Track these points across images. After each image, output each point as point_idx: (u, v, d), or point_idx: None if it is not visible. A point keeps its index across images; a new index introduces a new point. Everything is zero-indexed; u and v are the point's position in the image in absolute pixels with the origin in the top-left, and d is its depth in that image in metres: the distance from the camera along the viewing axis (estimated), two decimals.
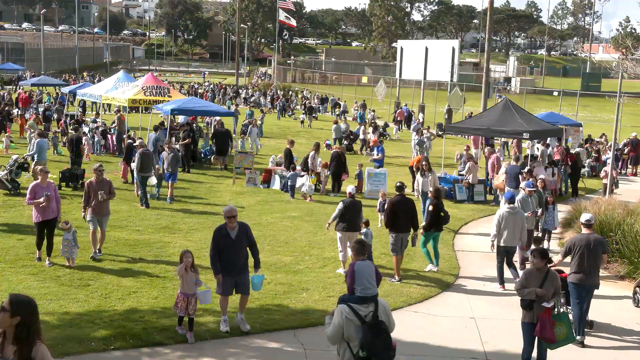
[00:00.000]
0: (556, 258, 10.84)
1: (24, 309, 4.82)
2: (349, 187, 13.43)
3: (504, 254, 12.22)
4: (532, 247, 11.59)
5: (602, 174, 21.41)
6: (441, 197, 13.75)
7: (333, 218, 12.58)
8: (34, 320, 4.86)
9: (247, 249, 9.51)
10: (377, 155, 23.22)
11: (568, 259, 10.30)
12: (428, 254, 13.10)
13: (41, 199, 11.83)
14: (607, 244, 10.41)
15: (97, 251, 12.65)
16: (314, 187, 19.67)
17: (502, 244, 12.13)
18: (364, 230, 12.84)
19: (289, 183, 19.69)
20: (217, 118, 27.10)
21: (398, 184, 12.99)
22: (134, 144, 19.71)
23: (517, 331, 8.90)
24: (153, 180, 18.20)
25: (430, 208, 13.13)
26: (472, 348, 9.55)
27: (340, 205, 12.52)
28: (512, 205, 12.36)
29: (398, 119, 40.05)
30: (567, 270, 10.32)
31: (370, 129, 30.31)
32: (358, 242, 6.84)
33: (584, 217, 10.30)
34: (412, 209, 12.46)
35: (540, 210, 14.26)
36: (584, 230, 10.11)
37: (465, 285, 12.35)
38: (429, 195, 15.52)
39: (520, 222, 12.17)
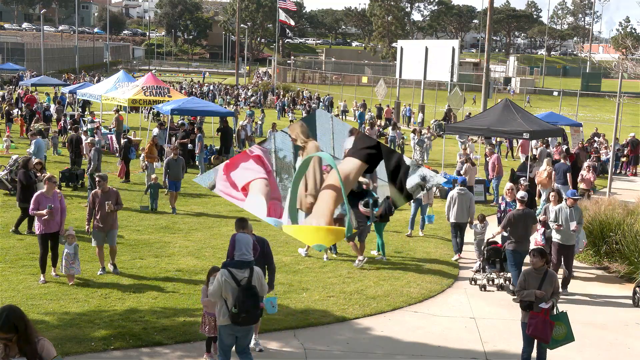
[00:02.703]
0: (496, 229, 12.54)
1: (17, 321, 4.97)
2: None
3: (456, 228, 13.87)
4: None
5: (579, 177, 19.46)
6: None
7: None
8: (27, 322, 5.02)
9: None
10: None
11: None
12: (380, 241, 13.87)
13: (44, 211, 11.15)
14: (535, 216, 12.29)
15: (113, 266, 11.89)
16: None
17: (453, 220, 13.79)
18: None
19: None
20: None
21: None
22: (89, 140, 19.48)
23: (517, 331, 8.90)
24: None
25: None
26: (472, 348, 9.55)
27: None
28: (462, 187, 13.92)
29: (386, 117, 40.56)
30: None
31: (389, 128, 30.64)
32: (239, 219, 8.24)
33: (519, 194, 12.33)
34: None
35: (575, 224, 11.91)
36: (519, 206, 12.03)
37: (465, 285, 12.36)
38: (423, 202, 15.72)
39: (467, 201, 13.77)
